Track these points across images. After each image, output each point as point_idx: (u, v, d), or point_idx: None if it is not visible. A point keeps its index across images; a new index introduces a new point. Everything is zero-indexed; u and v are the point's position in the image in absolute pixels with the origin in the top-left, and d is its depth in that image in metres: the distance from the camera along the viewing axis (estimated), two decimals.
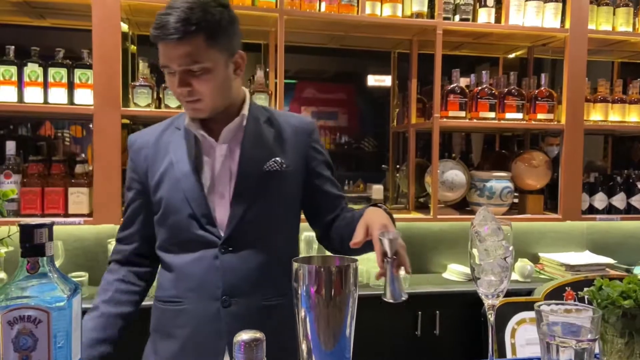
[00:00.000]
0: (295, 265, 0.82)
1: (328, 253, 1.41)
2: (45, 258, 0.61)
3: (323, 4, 2.39)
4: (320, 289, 0.80)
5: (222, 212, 1.26)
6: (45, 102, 2.14)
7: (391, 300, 0.95)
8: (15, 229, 0.68)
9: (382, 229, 1.05)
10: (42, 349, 0.59)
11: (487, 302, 0.84)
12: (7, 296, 0.60)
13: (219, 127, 1.27)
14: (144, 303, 1.35)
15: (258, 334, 0.76)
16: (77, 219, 2.11)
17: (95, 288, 2.19)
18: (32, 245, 0.61)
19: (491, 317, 0.85)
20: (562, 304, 0.83)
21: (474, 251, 0.82)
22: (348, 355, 0.83)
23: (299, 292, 0.82)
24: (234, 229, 1.25)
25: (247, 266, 1.25)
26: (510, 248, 0.80)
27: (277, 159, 1.29)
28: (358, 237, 1.07)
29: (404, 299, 0.95)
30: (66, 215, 2.14)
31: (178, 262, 1.28)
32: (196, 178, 1.26)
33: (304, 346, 0.82)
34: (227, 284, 1.24)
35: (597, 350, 0.91)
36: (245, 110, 1.30)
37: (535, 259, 2.74)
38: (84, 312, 0.66)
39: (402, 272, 0.99)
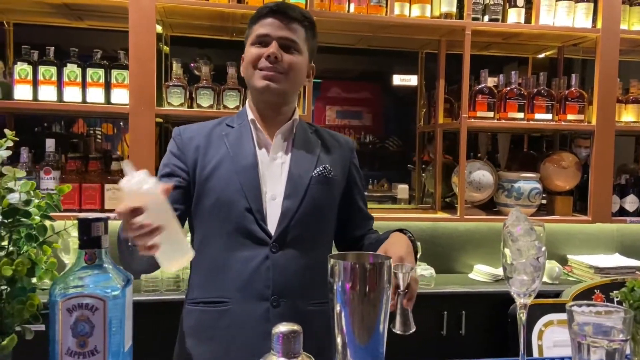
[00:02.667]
0: (331, 261, 0.85)
1: None
2: (101, 250, 0.66)
3: (352, 5, 2.41)
4: (355, 285, 0.82)
5: (272, 211, 1.29)
6: (84, 101, 2.21)
7: (400, 332, 0.99)
8: (70, 223, 0.72)
9: (399, 261, 1.08)
10: (98, 335, 0.64)
11: (519, 301, 0.86)
12: (67, 285, 0.65)
13: (271, 130, 1.35)
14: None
15: (295, 327, 0.79)
16: (112, 214, 2.17)
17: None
18: (89, 238, 0.65)
19: (523, 316, 0.86)
20: (594, 305, 0.84)
21: (507, 251, 0.84)
22: (382, 350, 0.85)
23: (335, 287, 0.85)
24: (284, 229, 1.27)
25: (295, 267, 1.27)
26: (543, 248, 0.81)
27: (327, 165, 1.36)
28: None
29: (412, 330, 0.99)
30: (102, 210, 2.21)
31: (225, 259, 1.27)
32: (255, 173, 1.29)
33: (339, 339, 0.85)
34: (277, 284, 1.25)
35: (628, 351, 0.92)
36: (297, 116, 1.39)
37: (563, 261, 2.71)
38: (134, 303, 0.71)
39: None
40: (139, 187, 0.86)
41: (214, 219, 1.29)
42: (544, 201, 2.75)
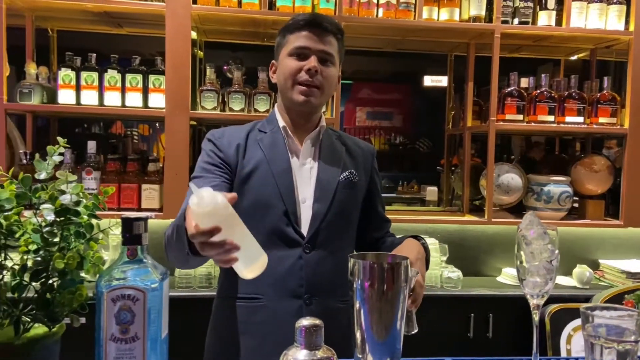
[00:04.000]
0: (351, 261, 0.91)
1: None
2: (142, 246, 0.73)
3: (380, 10, 2.45)
4: (374, 283, 0.87)
5: (303, 214, 1.36)
6: (123, 105, 2.32)
7: (404, 333, 1.02)
8: (114, 221, 0.80)
9: None
10: (139, 323, 0.71)
11: (532, 302, 0.89)
12: (111, 278, 0.72)
13: (300, 136, 1.41)
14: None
15: (317, 321, 0.84)
16: (149, 213, 2.27)
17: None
18: (131, 235, 0.72)
19: (536, 317, 0.90)
20: (607, 308, 0.87)
21: (520, 254, 0.87)
22: (399, 347, 0.90)
23: (355, 285, 0.90)
24: (315, 230, 1.34)
25: (325, 267, 1.33)
26: (556, 252, 0.84)
27: (352, 171, 1.42)
28: None
29: (414, 331, 1.04)
30: (139, 209, 2.32)
31: None
32: (290, 177, 1.36)
33: (358, 335, 0.90)
34: (309, 282, 1.32)
35: None
36: (323, 123, 1.45)
37: (595, 266, 2.68)
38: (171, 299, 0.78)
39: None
40: (212, 206, 0.87)
41: (250, 219, 1.31)
42: (575, 205, 2.73)
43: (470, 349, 2.33)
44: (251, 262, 0.95)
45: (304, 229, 1.34)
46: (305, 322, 0.85)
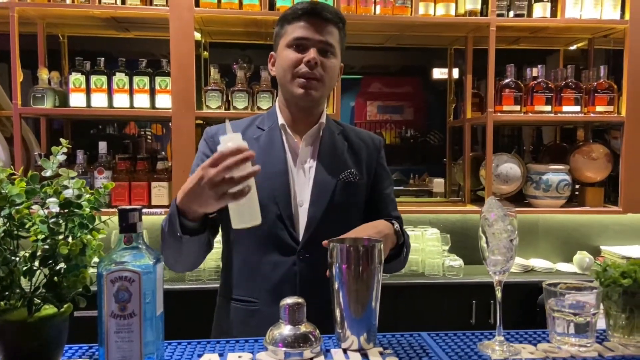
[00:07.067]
0: (330, 245, 0.98)
1: None
2: (136, 234, 0.82)
3: (378, 7, 2.51)
4: (350, 265, 0.95)
5: (300, 217, 1.31)
6: (131, 106, 2.42)
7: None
8: (111, 216, 0.89)
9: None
10: (135, 302, 0.80)
11: (495, 278, 0.96)
12: (110, 262, 0.81)
13: (299, 133, 1.37)
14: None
15: (300, 300, 0.93)
16: (158, 210, 2.39)
17: (173, 272, 2.47)
18: (127, 224, 0.81)
19: (498, 293, 0.97)
20: (570, 284, 0.93)
21: (483, 234, 0.94)
22: (374, 322, 0.98)
23: (333, 268, 0.97)
24: (310, 235, 1.30)
25: (321, 273, 1.15)
26: (515, 232, 0.91)
27: (353, 170, 1.36)
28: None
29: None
30: (149, 206, 2.42)
31: (255, 262, 1.31)
32: (286, 179, 1.31)
33: (337, 313, 0.98)
34: (304, 289, 1.26)
35: (603, 326, 1.00)
36: (324, 119, 1.39)
37: (596, 252, 2.73)
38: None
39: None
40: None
41: None
42: (576, 192, 2.77)
43: None
44: (249, 214, 1.01)
45: (300, 234, 1.30)
46: (289, 300, 0.93)
